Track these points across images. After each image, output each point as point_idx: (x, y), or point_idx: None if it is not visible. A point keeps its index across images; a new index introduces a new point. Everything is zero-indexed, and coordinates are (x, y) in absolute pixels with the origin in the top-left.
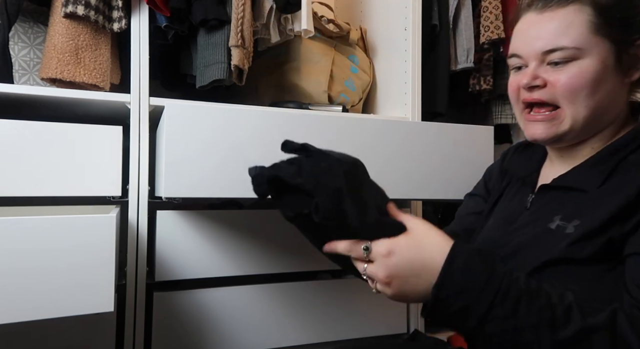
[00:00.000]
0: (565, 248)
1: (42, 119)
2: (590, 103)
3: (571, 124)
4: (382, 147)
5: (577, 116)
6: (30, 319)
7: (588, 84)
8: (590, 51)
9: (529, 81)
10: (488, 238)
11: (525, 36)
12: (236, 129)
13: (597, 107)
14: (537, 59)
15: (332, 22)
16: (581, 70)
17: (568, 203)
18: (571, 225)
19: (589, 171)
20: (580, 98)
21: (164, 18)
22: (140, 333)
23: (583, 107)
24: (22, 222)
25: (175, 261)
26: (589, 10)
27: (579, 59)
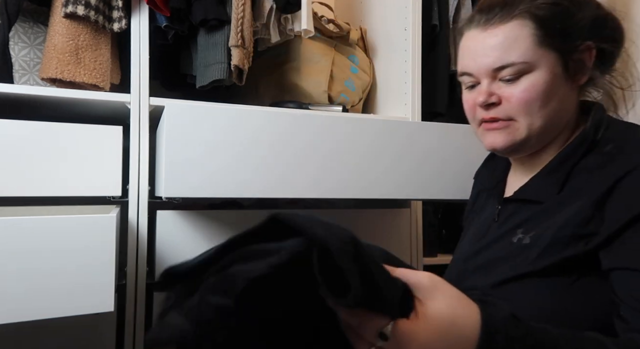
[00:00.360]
0: (526, 262)
1: (42, 119)
2: (544, 113)
3: (527, 133)
4: (382, 148)
5: (532, 126)
6: (31, 319)
7: (540, 95)
8: (538, 64)
9: (485, 99)
10: (463, 253)
11: (473, 54)
12: (236, 129)
13: (551, 116)
14: (488, 76)
15: (332, 22)
16: (533, 83)
17: (528, 215)
18: (528, 237)
19: (544, 181)
20: (534, 110)
21: (164, 18)
22: (140, 333)
23: (538, 118)
24: (22, 222)
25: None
26: (530, 24)
27: (529, 73)
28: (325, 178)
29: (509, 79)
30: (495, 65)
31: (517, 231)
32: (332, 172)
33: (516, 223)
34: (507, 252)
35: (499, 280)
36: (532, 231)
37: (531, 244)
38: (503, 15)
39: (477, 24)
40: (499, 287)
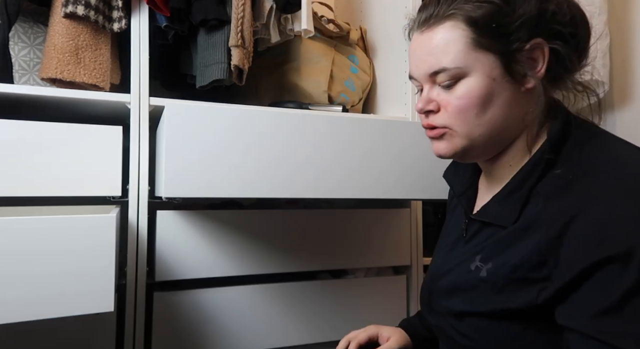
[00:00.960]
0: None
1: (42, 119)
2: (483, 121)
3: (468, 142)
4: (382, 147)
5: (471, 135)
6: (31, 319)
7: (476, 102)
8: (472, 68)
9: (423, 106)
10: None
11: (413, 58)
12: (236, 129)
13: (494, 122)
14: (427, 81)
15: (332, 22)
16: (468, 89)
17: (488, 241)
18: (485, 269)
19: (504, 202)
20: (471, 118)
21: (164, 18)
22: (140, 333)
23: (476, 126)
24: (22, 223)
25: (175, 261)
26: (463, 26)
27: (464, 78)
28: (326, 178)
29: (446, 84)
30: (430, 70)
31: (475, 258)
32: (332, 172)
33: (477, 248)
34: (465, 281)
35: (458, 311)
36: (489, 262)
37: (487, 279)
38: (437, 15)
39: (418, 26)
40: (459, 319)
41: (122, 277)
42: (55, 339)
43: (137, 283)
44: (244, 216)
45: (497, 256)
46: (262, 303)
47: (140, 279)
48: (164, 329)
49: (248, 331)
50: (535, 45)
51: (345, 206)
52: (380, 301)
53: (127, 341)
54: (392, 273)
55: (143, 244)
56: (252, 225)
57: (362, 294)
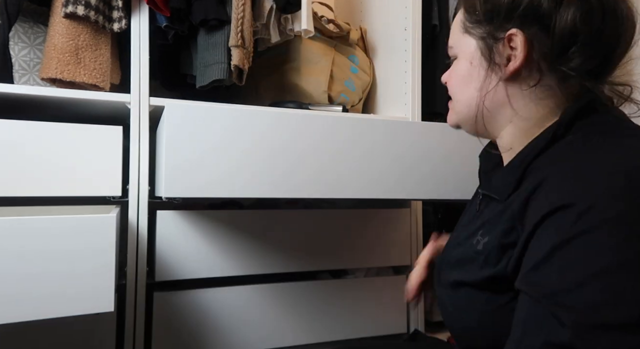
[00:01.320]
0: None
1: (42, 119)
2: (461, 98)
3: (457, 116)
4: (382, 148)
5: (458, 109)
6: (30, 319)
7: (458, 81)
8: (460, 50)
9: (443, 79)
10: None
11: None
12: (236, 129)
13: (469, 103)
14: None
15: (332, 22)
16: (455, 68)
17: (489, 215)
18: (482, 243)
19: (504, 177)
20: (456, 94)
21: (164, 18)
22: (140, 333)
23: (459, 103)
24: (22, 222)
25: (175, 261)
26: (463, 10)
27: (457, 57)
28: (326, 178)
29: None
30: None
31: (478, 232)
32: (333, 172)
33: (481, 223)
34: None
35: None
36: (487, 235)
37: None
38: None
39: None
40: (454, 289)
41: (122, 277)
42: (55, 339)
43: (137, 283)
44: (244, 216)
45: (492, 229)
46: (262, 303)
47: (140, 279)
48: (164, 329)
49: (248, 331)
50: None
51: (345, 206)
52: (380, 301)
53: (127, 341)
54: (392, 273)
55: (143, 244)
56: (252, 225)
57: (362, 294)
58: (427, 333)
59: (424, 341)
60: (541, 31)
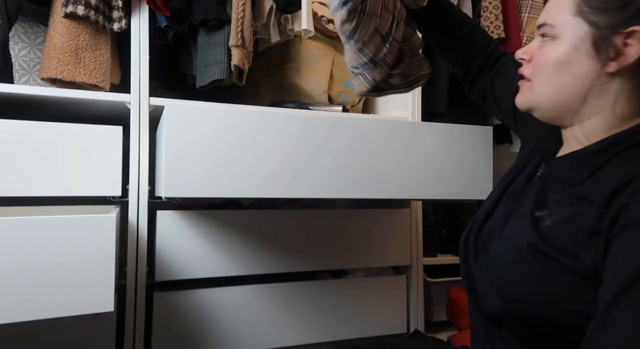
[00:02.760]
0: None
1: (42, 119)
2: (552, 82)
3: (536, 98)
4: (382, 148)
5: (541, 93)
6: (30, 319)
7: (551, 64)
8: (564, 31)
9: (520, 54)
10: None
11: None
12: (236, 129)
13: (562, 88)
14: (537, 32)
15: (332, 22)
16: (551, 48)
17: (556, 193)
18: (550, 220)
19: (579, 162)
20: (543, 76)
21: (164, 18)
22: (140, 333)
23: (545, 86)
24: (22, 222)
25: (175, 261)
26: None
27: (555, 38)
28: (326, 178)
29: (542, 39)
30: (540, 22)
31: (541, 208)
32: (333, 173)
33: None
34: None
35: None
36: (555, 215)
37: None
38: None
39: None
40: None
41: (122, 277)
42: (55, 339)
43: (137, 283)
44: (244, 216)
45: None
46: (262, 303)
47: (140, 279)
48: (164, 329)
49: (248, 331)
50: (630, 32)
51: (345, 206)
52: (380, 301)
53: (127, 341)
54: (392, 273)
55: (143, 244)
56: (252, 225)
57: (362, 294)
58: (427, 333)
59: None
60: None
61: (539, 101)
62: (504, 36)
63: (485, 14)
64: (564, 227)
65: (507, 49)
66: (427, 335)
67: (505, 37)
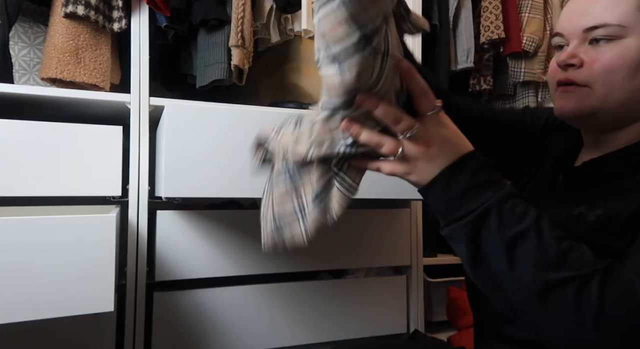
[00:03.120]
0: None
1: (42, 119)
2: (626, 86)
3: (601, 104)
4: None
5: (609, 98)
6: (30, 319)
7: (627, 65)
8: (635, 30)
9: (566, 58)
10: None
11: (571, 14)
12: (236, 129)
13: (635, 92)
14: (578, 37)
15: None
16: (622, 50)
17: (594, 190)
18: (593, 214)
19: (623, 159)
20: (616, 80)
21: (164, 18)
22: (140, 333)
23: (619, 90)
24: (22, 222)
25: (175, 261)
26: None
27: (622, 38)
28: None
29: (599, 40)
30: (588, 24)
31: (580, 205)
32: None
33: (580, 197)
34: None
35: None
36: (598, 209)
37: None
38: None
39: None
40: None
41: (122, 277)
42: (55, 339)
43: (137, 283)
44: (244, 216)
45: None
46: (262, 303)
47: (140, 279)
48: (164, 329)
49: (248, 331)
50: None
51: None
52: (380, 301)
53: (127, 341)
54: (392, 273)
55: (143, 244)
56: (252, 225)
57: (362, 294)
58: (427, 333)
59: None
60: None
61: (603, 107)
62: (504, 36)
63: (485, 14)
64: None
65: (507, 49)
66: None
67: (506, 37)
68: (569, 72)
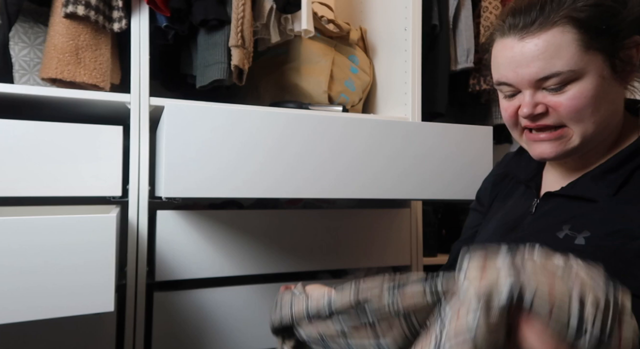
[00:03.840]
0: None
1: (43, 119)
2: (596, 119)
3: (580, 141)
4: (382, 148)
5: (585, 133)
6: (30, 319)
7: (591, 101)
8: (586, 70)
9: (531, 111)
10: (491, 242)
11: (512, 64)
12: (236, 129)
13: (603, 120)
14: (531, 86)
15: (332, 22)
16: (581, 90)
17: (577, 212)
18: (581, 236)
19: (600, 180)
20: (586, 117)
21: (164, 18)
22: (140, 333)
23: (590, 124)
24: (22, 222)
25: (175, 261)
26: (572, 29)
27: (577, 80)
28: (326, 178)
29: (555, 88)
30: (539, 75)
31: (562, 227)
32: (333, 172)
33: (561, 219)
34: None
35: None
36: (585, 230)
37: (586, 246)
38: (542, 22)
39: (513, 31)
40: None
41: (122, 277)
42: (55, 339)
43: (137, 283)
44: (244, 216)
45: (594, 226)
46: (262, 303)
47: (140, 279)
48: (164, 329)
49: (248, 331)
50: (633, 42)
51: (345, 206)
52: None
53: (127, 341)
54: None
55: (143, 244)
56: (252, 225)
57: None
58: None
59: None
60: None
61: (582, 143)
62: None
63: (485, 14)
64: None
65: None
66: None
67: None
68: (538, 121)
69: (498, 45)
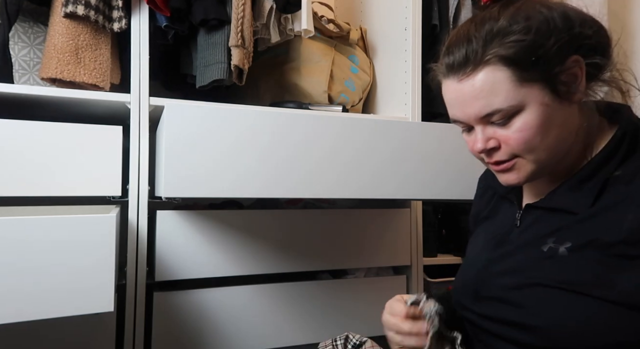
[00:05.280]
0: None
1: (42, 119)
2: (548, 144)
3: (537, 166)
4: (382, 148)
5: (538, 160)
6: (30, 319)
7: (538, 131)
8: (525, 102)
9: (484, 147)
10: (482, 257)
11: (457, 104)
12: (236, 129)
13: (557, 144)
14: (478, 122)
15: (332, 22)
16: (526, 121)
17: (558, 224)
18: (563, 247)
19: (577, 190)
20: (535, 146)
21: (164, 18)
22: (140, 333)
23: (542, 151)
24: (22, 222)
25: (175, 261)
26: (503, 67)
27: (520, 113)
28: (325, 178)
29: (501, 122)
30: (482, 113)
31: (547, 240)
32: (333, 172)
33: (545, 232)
34: (538, 260)
35: (527, 283)
36: (567, 242)
37: (569, 257)
38: (473, 64)
39: (451, 73)
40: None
41: (122, 277)
42: (55, 339)
43: (137, 283)
44: (244, 216)
45: (576, 237)
46: (262, 303)
47: (140, 279)
48: (164, 329)
49: (248, 331)
50: (573, 62)
51: (345, 206)
52: (380, 301)
53: (127, 341)
54: (392, 273)
55: (143, 244)
56: (252, 225)
57: (362, 294)
58: None
59: None
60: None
61: (540, 167)
62: None
63: None
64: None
65: None
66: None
67: None
68: (492, 156)
69: (444, 87)
